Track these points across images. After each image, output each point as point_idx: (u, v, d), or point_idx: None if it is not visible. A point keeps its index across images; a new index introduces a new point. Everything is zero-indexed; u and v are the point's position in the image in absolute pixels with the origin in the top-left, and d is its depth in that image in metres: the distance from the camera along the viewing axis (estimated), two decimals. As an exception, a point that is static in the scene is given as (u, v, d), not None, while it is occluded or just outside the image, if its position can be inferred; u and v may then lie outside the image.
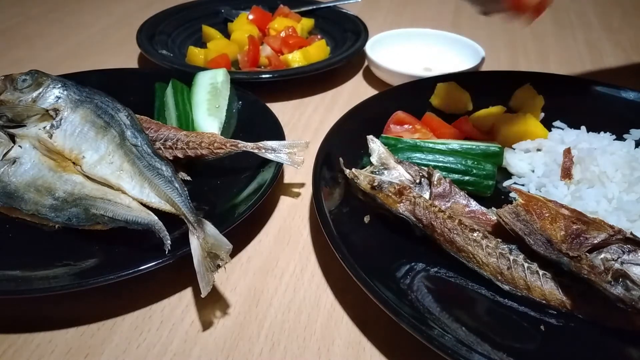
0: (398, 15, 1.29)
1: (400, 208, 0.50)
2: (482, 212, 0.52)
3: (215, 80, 0.74)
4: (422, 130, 0.67)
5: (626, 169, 0.57)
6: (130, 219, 0.48)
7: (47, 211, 0.50)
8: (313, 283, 0.52)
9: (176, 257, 0.47)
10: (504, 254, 0.46)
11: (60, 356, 0.45)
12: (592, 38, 1.12)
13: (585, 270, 0.41)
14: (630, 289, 0.40)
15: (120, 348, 0.45)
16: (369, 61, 0.91)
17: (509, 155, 0.64)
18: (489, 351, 0.40)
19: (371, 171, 0.54)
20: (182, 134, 0.60)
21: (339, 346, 0.46)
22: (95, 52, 1.07)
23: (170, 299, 0.50)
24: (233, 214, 0.53)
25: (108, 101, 0.57)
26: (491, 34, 1.16)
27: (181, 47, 0.99)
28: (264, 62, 0.94)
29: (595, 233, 0.43)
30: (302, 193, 0.66)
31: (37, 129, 0.55)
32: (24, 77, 0.57)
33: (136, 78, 0.80)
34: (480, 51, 0.91)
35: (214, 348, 0.46)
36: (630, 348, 0.42)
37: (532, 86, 0.74)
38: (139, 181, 0.51)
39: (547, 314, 0.45)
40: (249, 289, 0.52)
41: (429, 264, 0.49)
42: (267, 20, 1.04)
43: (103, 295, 0.50)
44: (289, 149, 0.58)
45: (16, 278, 0.47)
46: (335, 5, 1.12)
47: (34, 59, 1.03)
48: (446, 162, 0.59)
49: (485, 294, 0.47)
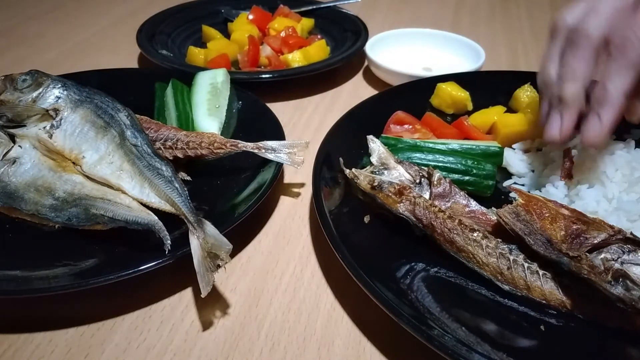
0: (398, 15, 1.29)
1: (400, 208, 0.50)
2: (482, 212, 0.52)
3: (215, 80, 0.74)
4: (422, 130, 0.67)
5: (626, 169, 0.57)
6: (130, 219, 0.48)
7: (47, 211, 0.50)
8: (313, 283, 0.52)
9: (176, 257, 0.47)
10: (504, 254, 0.46)
11: (60, 356, 0.45)
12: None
13: (585, 270, 0.41)
14: (630, 289, 0.40)
15: (120, 348, 0.46)
16: (369, 61, 0.91)
17: (509, 155, 0.64)
18: (489, 351, 0.40)
19: (371, 171, 0.54)
20: (182, 134, 0.60)
21: (339, 346, 0.46)
22: (95, 52, 1.07)
23: (170, 299, 0.50)
24: (233, 214, 0.53)
25: (108, 101, 0.57)
26: (491, 34, 1.16)
27: (181, 47, 0.99)
28: (264, 62, 0.94)
29: (595, 233, 0.43)
30: (302, 193, 0.66)
31: (37, 129, 0.55)
32: (24, 77, 0.57)
33: (136, 78, 0.80)
34: (480, 51, 0.91)
35: (214, 348, 0.46)
36: (630, 348, 0.42)
37: (532, 86, 0.74)
38: (139, 181, 0.51)
39: (547, 314, 0.45)
40: (249, 289, 0.52)
41: (429, 264, 0.49)
42: (267, 20, 1.04)
43: (103, 295, 0.50)
44: (289, 149, 0.58)
45: (16, 278, 0.47)
46: (335, 5, 1.12)
47: (34, 59, 1.03)
48: (446, 162, 0.59)
49: (485, 294, 0.47)
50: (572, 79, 0.53)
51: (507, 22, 1.23)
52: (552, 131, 0.55)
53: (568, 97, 0.54)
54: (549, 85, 0.57)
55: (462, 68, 0.90)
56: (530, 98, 0.73)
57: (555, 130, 0.55)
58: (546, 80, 0.57)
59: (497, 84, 0.78)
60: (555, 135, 0.55)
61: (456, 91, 0.74)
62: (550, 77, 0.56)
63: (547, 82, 0.57)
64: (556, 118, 0.55)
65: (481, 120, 0.70)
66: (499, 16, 1.28)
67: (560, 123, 0.55)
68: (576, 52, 0.53)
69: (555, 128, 0.55)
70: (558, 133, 0.55)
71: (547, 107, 0.58)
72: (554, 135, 0.55)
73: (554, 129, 0.55)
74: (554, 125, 0.55)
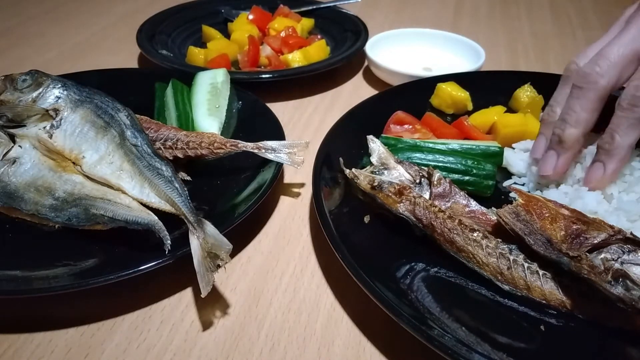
0: (398, 15, 1.29)
1: (400, 208, 0.50)
2: (482, 212, 0.52)
3: (215, 80, 0.74)
4: (422, 130, 0.67)
5: (626, 169, 0.57)
6: (130, 219, 0.48)
7: (47, 211, 0.50)
8: (313, 283, 0.52)
9: (176, 257, 0.47)
10: (504, 254, 0.46)
11: (60, 356, 0.45)
12: (592, 38, 1.12)
13: (585, 270, 0.41)
14: (630, 289, 0.40)
15: (120, 348, 0.46)
16: (369, 61, 0.91)
17: (509, 155, 0.64)
18: (489, 351, 0.40)
19: (371, 171, 0.54)
20: (182, 134, 0.60)
21: (339, 346, 0.46)
22: (95, 52, 1.07)
23: (170, 299, 0.50)
24: (233, 214, 0.53)
25: (108, 101, 0.57)
26: (491, 34, 1.16)
27: (181, 47, 0.99)
28: (264, 62, 0.94)
29: (595, 233, 0.43)
30: (302, 193, 0.66)
31: (37, 129, 0.55)
32: (24, 77, 0.57)
33: (136, 78, 0.80)
34: (480, 51, 0.91)
35: (214, 348, 0.46)
36: (630, 348, 0.42)
37: (532, 86, 0.74)
38: (139, 181, 0.51)
39: (547, 314, 0.45)
40: (249, 289, 0.52)
41: (429, 264, 0.49)
42: (267, 20, 1.04)
43: (103, 295, 0.50)
44: (289, 149, 0.58)
45: (16, 278, 0.47)
46: (335, 5, 1.12)
47: (34, 59, 1.03)
48: (446, 162, 0.59)
49: (485, 294, 0.47)
50: (575, 124, 0.55)
51: (507, 22, 1.23)
52: (547, 168, 0.58)
53: (568, 141, 0.56)
54: (551, 124, 0.59)
55: (462, 68, 0.90)
56: (530, 98, 0.73)
57: (550, 168, 0.58)
58: (549, 119, 0.60)
59: (497, 84, 0.78)
60: (549, 173, 0.58)
61: (456, 91, 0.74)
62: (554, 116, 0.59)
63: (549, 121, 0.60)
64: (552, 156, 0.58)
65: (481, 120, 0.70)
66: (499, 16, 1.28)
67: (556, 163, 0.57)
68: (582, 99, 0.55)
69: (550, 165, 0.58)
70: (552, 171, 0.58)
71: (544, 142, 0.60)
72: (548, 172, 0.58)
73: (549, 166, 0.58)
74: (550, 162, 0.58)
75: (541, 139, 0.61)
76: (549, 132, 0.59)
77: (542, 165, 0.58)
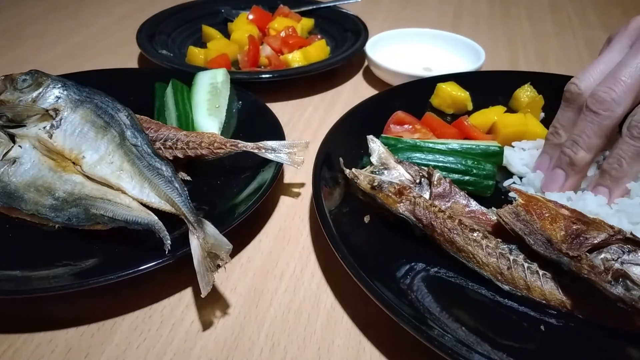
0: (398, 15, 1.29)
1: (400, 208, 0.50)
2: (482, 212, 0.52)
3: (215, 80, 0.74)
4: (422, 130, 0.67)
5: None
6: (130, 219, 0.48)
7: (47, 211, 0.50)
8: (313, 283, 0.52)
9: (176, 257, 0.47)
10: (504, 254, 0.46)
11: (60, 356, 0.45)
12: (592, 37, 1.12)
13: (585, 270, 0.41)
14: (630, 289, 0.40)
15: (120, 348, 0.46)
16: (369, 61, 0.91)
17: (509, 155, 0.64)
18: (489, 351, 0.40)
19: (371, 171, 0.54)
20: (182, 134, 0.60)
21: (339, 346, 0.46)
22: (95, 52, 1.07)
23: (170, 299, 0.50)
24: (233, 214, 0.53)
25: (108, 101, 0.57)
26: (491, 34, 1.16)
27: (181, 47, 0.99)
28: (264, 62, 0.94)
29: (595, 233, 0.43)
30: (302, 193, 0.66)
31: (37, 129, 0.55)
32: (24, 77, 0.57)
33: (136, 78, 0.80)
34: (480, 51, 0.91)
35: (214, 348, 0.46)
36: (630, 348, 0.42)
37: (532, 86, 0.74)
38: (139, 181, 0.51)
39: (547, 314, 0.45)
40: (249, 289, 0.52)
41: (429, 264, 0.49)
42: (267, 20, 1.04)
43: (103, 295, 0.50)
44: (289, 149, 0.58)
45: (16, 278, 0.47)
46: (335, 5, 1.12)
47: (34, 59, 1.03)
48: (446, 162, 0.59)
49: (485, 294, 0.47)
50: (588, 150, 0.55)
51: (507, 22, 1.23)
52: (553, 187, 0.58)
53: (579, 165, 0.56)
54: (557, 146, 0.59)
55: (462, 68, 0.90)
56: (530, 98, 0.73)
57: (557, 188, 0.58)
58: (555, 141, 0.59)
59: (497, 84, 0.78)
60: (555, 191, 0.58)
61: (456, 91, 0.74)
62: (560, 139, 0.58)
63: (555, 143, 0.59)
64: (561, 176, 0.57)
65: (481, 120, 0.70)
66: (499, 16, 1.28)
67: (564, 182, 0.57)
68: (597, 125, 0.53)
69: (557, 185, 0.58)
70: (558, 190, 0.57)
71: (548, 161, 0.60)
72: (553, 191, 0.58)
73: (556, 185, 0.58)
74: (558, 182, 0.58)
75: (545, 157, 0.60)
76: (553, 153, 0.59)
77: (550, 183, 0.58)
